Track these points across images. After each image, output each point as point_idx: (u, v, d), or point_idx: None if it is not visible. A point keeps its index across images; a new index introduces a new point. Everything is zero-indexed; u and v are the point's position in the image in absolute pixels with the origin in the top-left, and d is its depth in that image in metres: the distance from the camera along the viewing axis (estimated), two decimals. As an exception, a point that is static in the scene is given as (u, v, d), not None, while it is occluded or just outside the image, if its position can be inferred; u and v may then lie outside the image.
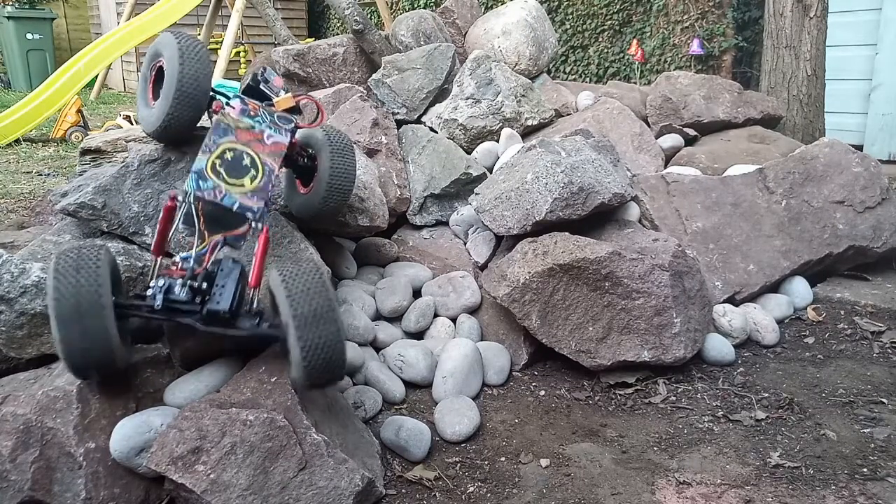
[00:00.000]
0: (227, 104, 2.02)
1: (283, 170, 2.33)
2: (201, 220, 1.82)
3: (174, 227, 1.85)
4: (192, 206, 1.82)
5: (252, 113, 2.01)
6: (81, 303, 1.58)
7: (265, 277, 1.90)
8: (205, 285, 1.76)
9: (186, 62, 1.96)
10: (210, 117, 2.07)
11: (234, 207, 1.83)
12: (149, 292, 1.74)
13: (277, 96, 2.11)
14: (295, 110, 2.12)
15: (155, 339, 2.05)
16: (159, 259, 1.86)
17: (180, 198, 1.83)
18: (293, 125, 2.06)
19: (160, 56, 2.10)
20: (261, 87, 2.10)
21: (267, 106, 2.07)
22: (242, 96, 2.05)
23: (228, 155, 1.88)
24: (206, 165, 1.85)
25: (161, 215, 1.84)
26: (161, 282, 1.73)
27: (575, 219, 2.59)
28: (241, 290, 1.81)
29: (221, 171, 1.85)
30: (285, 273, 1.74)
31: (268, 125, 2.01)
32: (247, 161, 1.89)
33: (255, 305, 1.83)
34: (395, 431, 2.04)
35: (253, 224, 1.86)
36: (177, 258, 1.80)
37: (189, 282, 1.74)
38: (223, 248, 1.86)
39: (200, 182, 1.82)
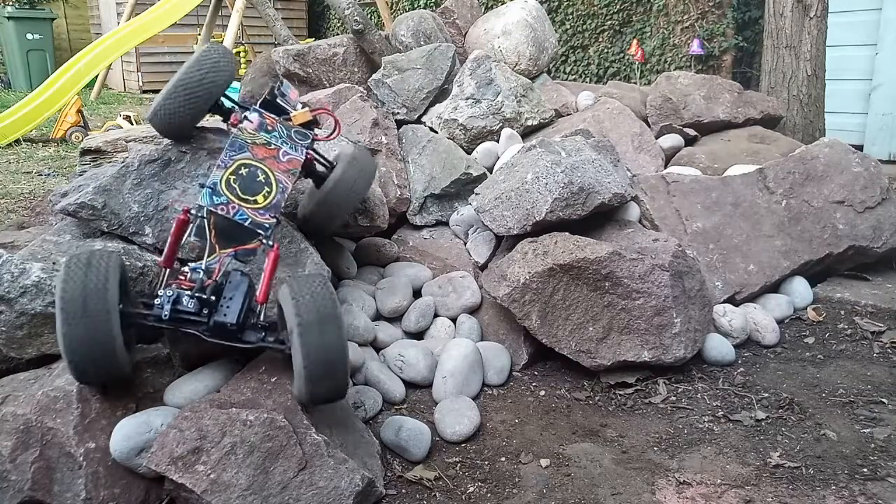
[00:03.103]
0: (245, 118, 2.02)
1: (306, 180, 2.36)
2: (213, 233, 1.84)
3: (185, 239, 1.87)
4: (205, 220, 1.83)
5: (269, 128, 2.02)
6: (88, 306, 1.60)
7: (273, 289, 1.90)
8: (213, 298, 1.76)
9: (192, 65, 2.01)
10: (228, 129, 2.09)
11: (247, 223, 1.85)
12: (156, 301, 1.74)
13: (294, 110, 2.11)
14: (312, 123, 2.12)
15: (155, 339, 2.05)
16: (167, 270, 1.86)
17: (193, 211, 1.84)
18: (310, 140, 2.07)
19: None
20: (277, 100, 2.12)
21: (284, 120, 2.07)
22: (260, 110, 2.06)
23: (243, 171, 1.91)
24: (221, 181, 1.87)
25: (173, 228, 1.85)
26: (169, 292, 1.73)
27: (575, 219, 2.59)
28: (248, 303, 1.82)
29: (236, 186, 1.88)
30: (296, 293, 1.71)
31: (284, 140, 2.02)
32: (261, 178, 1.92)
33: (261, 318, 1.84)
34: (396, 431, 2.04)
35: (263, 241, 1.87)
36: (185, 269, 1.80)
37: (197, 294, 1.75)
38: (232, 262, 1.87)
39: (214, 197, 1.84)
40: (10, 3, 8.84)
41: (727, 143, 3.47)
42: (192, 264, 1.82)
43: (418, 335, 2.63)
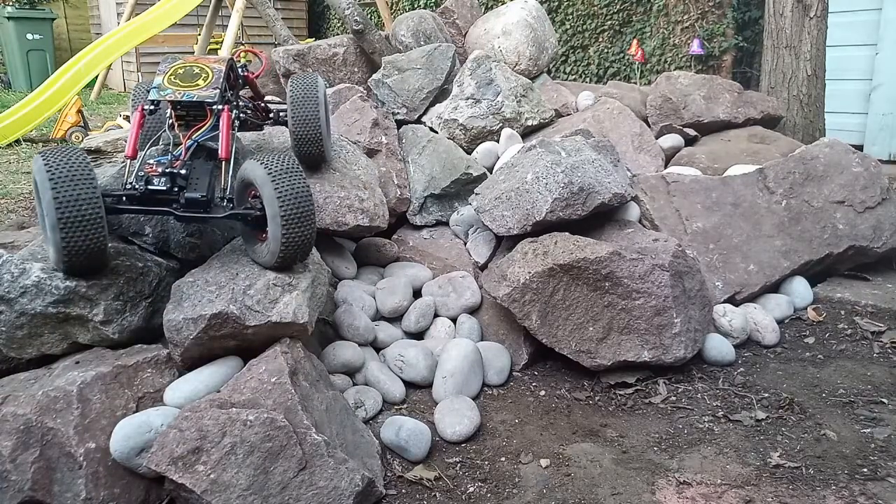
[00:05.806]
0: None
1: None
2: (176, 126, 2.05)
3: (146, 133, 2.12)
4: (165, 113, 2.04)
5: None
6: (81, 198, 1.73)
7: (240, 171, 2.02)
8: (183, 172, 1.92)
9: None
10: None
11: (194, 99, 2.03)
12: (128, 185, 1.89)
13: None
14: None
15: (155, 339, 2.05)
16: (131, 161, 2.00)
17: (147, 107, 2.03)
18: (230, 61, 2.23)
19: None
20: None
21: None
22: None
23: (181, 70, 2.10)
24: (163, 80, 2.06)
25: (134, 122, 2.02)
26: (140, 173, 1.90)
27: (575, 219, 2.58)
28: (214, 182, 1.99)
29: (177, 80, 2.07)
30: (262, 159, 1.89)
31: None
32: (196, 70, 2.11)
33: (227, 193, 1.97)
34: (396, 431, 2.04)
35: (213, 108, 2.04)
36: (151, 161, 1.95)
37: (168, 170, 1.90)
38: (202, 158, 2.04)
39: (161, 91, 2.03)
40: (10, 3, 8.83)
41: (727, 143, 3.47)
42: (158, 157, 1.96)
43: (418, 335, 2.63)
